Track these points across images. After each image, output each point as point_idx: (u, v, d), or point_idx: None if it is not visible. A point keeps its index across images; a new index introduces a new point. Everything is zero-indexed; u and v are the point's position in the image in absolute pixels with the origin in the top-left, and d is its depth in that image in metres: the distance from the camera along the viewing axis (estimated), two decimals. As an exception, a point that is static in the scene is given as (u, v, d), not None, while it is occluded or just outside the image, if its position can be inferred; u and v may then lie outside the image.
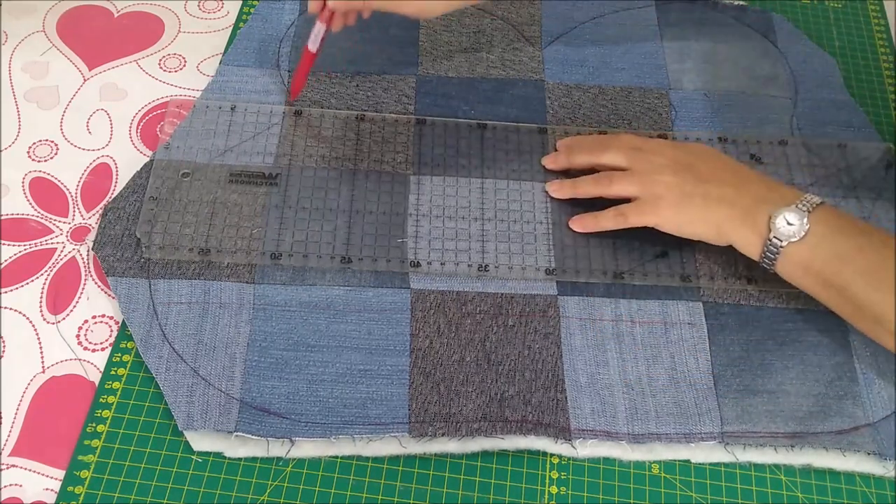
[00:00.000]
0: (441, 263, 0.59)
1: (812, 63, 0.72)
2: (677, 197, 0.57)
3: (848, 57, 0.74)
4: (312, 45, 0.59)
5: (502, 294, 0.58)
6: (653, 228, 0.58)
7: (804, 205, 0.54)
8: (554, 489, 0.52)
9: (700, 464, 0.53)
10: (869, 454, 0.52)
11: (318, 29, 0.59)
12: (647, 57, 0.71)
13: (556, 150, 0.65)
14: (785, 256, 0.54)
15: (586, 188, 0.61)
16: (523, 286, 0.58)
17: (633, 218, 0.58)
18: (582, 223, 0.60)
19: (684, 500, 0.52)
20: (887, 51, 0.75)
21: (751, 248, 0.56)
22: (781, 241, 0.54)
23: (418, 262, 0.59)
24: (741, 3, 0.76)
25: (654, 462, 0.53)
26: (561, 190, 0.62)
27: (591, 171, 0.62)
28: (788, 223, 0.54)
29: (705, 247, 0.59)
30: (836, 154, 0.66)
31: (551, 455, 0.53)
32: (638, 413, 0.54)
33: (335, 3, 0.59)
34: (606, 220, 0.59)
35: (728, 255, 0.59)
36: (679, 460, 0.53)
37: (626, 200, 0.59)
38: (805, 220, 0.53)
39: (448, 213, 0.61)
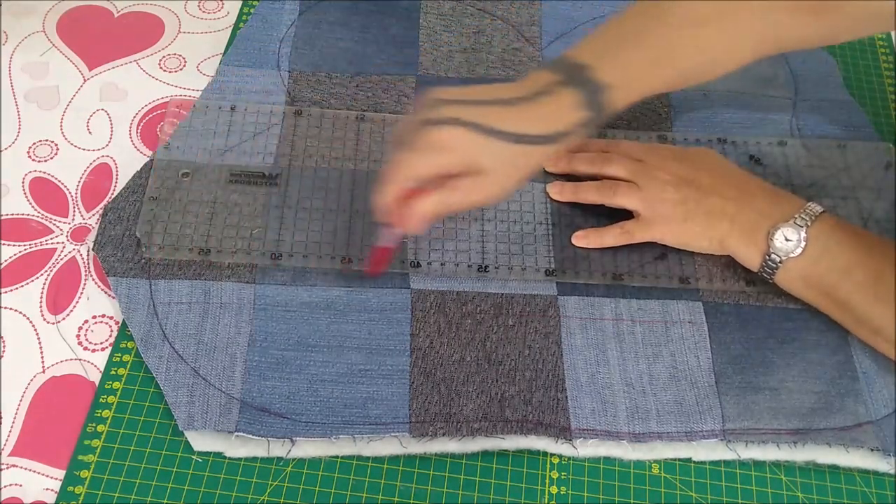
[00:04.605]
0: (441, 264, 0.59)
1: (812, 63, 0.72)
2: (681, 215, 0.57)
3: (848, 57, 0.74)
4: (385, 242, 0.53)
5: (502, 294, 0.58)
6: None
7: (802, 219, 0.54)
8: (554, 489, 0.52)
9: (700, 463, 0.53)
10: (872, 450, 0.53)
11: (388, 231, 0.53)
12: (646, 57, 0.71)
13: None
14: (784, 270, 0.55)
15: (588, 195, 0.61)
16: (523, 286, 0.58)
17: (638, 235, 0.58)
18: (586, 240, 0.60)
19: (684, 500, 0.52)
20: (887, 51, 0.75)
21: (751, 261, 0.56)
22: (780, 256, 0.54)
23: (418, 262, 0.59)
24: (741, 3, 0.76)
25: (655, 462, 0.53)
26: (562, 193, 0.62)
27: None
28: (787, 239, 0.54)
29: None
30: (836, 154, 0.66)
31: (551, 455, 0.53)
32: (639, 412, 0.54)
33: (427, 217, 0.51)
34: (610, 238, 0.59)
35: (727, 258, 0.59)
36: (680, 459, 0.53)
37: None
38: (803, 234, 0.54)
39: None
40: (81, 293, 0.58)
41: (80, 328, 0.56)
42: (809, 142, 0.66)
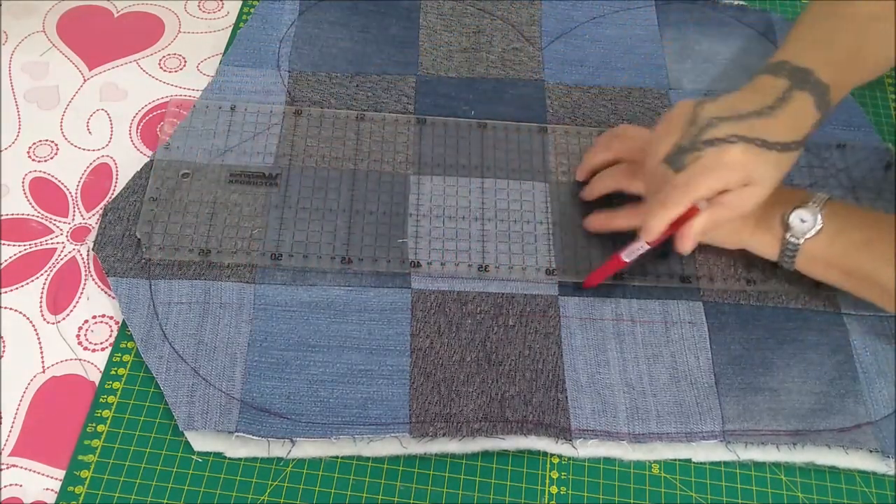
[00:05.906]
0: (441, 264, 0.59)
1: (812, 63, 0.72)
2: None
3: (848, 57, 0.74)
4: (628, 257, 0.56)
5: (503, 294, 0.58)
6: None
7: (815, 202, 0.55)
8: (554, 489, 0.52)
9: (700, 463, 0.53)
10: (871, 452, 0.53)
11: (641, 247, 0.55)
12: (647, 57, 0.71)
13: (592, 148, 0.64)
14: (804, 253, 0.55)
15: (606, 181, 0.61)
16: (524, 286, 0.58)
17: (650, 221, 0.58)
18: (597, 222, 0.60)
19: (684, 500, 0.52)
20: (887, 51, 0.75)
21: (768, 249, 0.56)
22: (799, 238, 0.54)
23: (418, 262, 0.59)
24: (741, 3, 0.76)
25: (655, 462, 0.53)
26: (591, 194, 0.62)
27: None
28: (803, 220, 0.54)
29: (705, 248, 0.59)
30: (836, 154, 0.66)
31: (551, 455, 0.53)
32: (639, 412, 0.54)
33: (693, 235, 0.54)
34: (621, 220, 0.59)
35: (728, 257, 0.59)
36: (680, 459, 0.53)
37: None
38: (819, 215, 0.54)
39: (448, 213, 0.61)
40: (81, 293, 0.58)
41: (80, 328, 0.56)
42: (809, 142, 0.66)
